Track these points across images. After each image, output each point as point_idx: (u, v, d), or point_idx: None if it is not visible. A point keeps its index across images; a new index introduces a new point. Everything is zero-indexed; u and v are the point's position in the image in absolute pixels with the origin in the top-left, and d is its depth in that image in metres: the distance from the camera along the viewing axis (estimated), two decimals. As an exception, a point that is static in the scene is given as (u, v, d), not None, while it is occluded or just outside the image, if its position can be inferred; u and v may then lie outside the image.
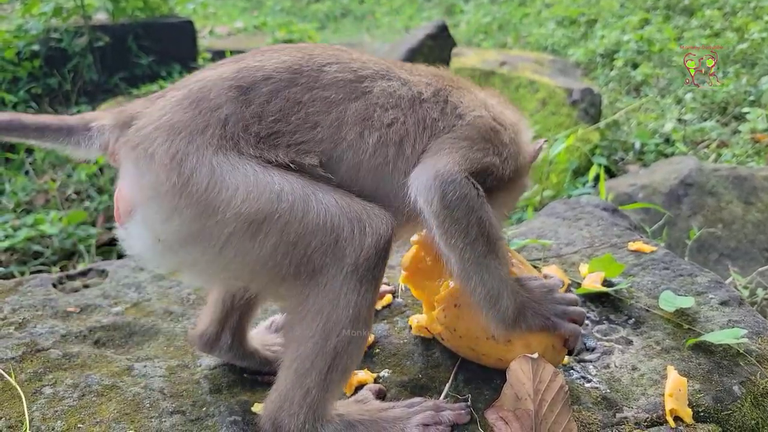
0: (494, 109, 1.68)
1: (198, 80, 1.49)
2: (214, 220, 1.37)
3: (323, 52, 1.56)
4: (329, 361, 1.43)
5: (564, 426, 1.47)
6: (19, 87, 6.53)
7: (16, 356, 1.83)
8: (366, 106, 1.50)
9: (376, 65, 1.58)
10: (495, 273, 1.50)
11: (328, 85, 1.49)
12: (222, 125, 1.41)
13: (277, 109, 1.45)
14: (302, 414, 1.45)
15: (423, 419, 1.51)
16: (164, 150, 1.39)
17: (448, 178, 1.44)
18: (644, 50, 6.98)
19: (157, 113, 1.45)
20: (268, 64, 1.50)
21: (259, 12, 12.77)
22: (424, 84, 1.61)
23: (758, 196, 3.95)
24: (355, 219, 1.40)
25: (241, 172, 1.38)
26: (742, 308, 1.94)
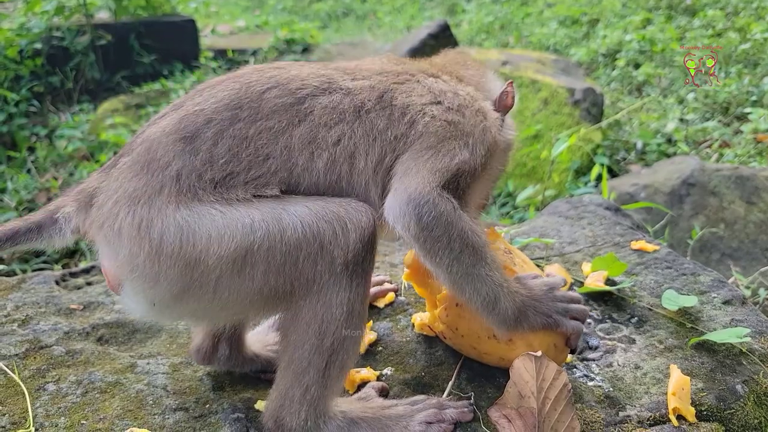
0: (446, 96, 1.62)
1: (143, 141, 1.48)
2: (198, 270, 1.38)
3: (261, 77, 1.54)
4: (326, 359, 1.44)
5: (567, 424, 1.47)
6: (21, 85, 6.53)
7: (19, 353, 1.83)
8: (310, 129, 1.48)
9: (316, 80, 1.55)
10: (487, 280, 1.48)
11: (270, 113, 1.48)
12: (176, 181, 1.41)
13: (225, 150, 1.44)
14: (303, 411, 1.46)
15: (426, 417, 1.51)
16: (129, 222, 1.40)
17: (420, 200, 1.42)
18: (646, 50, 6.98)
19: (113, 185, 1.45)
20: (207, 105, 1.49)
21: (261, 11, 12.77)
22: (368, 89, 1.57)
23: (760, 196, 3.95)
24: (334, 219, 1.40)
25: (207, 218, 1.38)
26: (744, 307, 1.94)
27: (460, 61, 1.87)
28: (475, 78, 1.78)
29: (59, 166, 5.66)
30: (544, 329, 1.58)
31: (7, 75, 6.43)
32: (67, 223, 1.49)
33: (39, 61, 6.61)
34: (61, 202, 1.52)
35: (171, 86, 6.83)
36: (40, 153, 5.76)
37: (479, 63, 1.90)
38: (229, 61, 7.94)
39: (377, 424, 1.51)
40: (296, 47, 8.34)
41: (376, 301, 2.05)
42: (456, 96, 1.63)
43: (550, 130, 5.11)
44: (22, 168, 5.64)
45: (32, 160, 5.73)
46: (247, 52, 8.16)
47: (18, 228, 1.48)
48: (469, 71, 1.81)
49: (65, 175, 5.40)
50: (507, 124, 1.78)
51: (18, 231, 1.48)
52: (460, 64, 1.84)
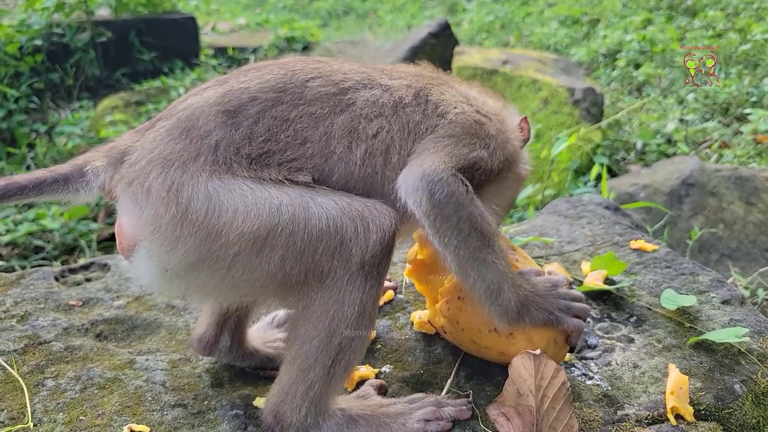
0: (476, 101, 1.67)
1: (185, 108, 1.49)
2: (218, 243, 1.38)
3: (305, 67, 1.57)
4: (333, 357, 1.44)
5: (565, 423, 1.47)
6: (21, 82, 6.53)
7: (18, 348, 1.83)
8: (351, 119, 1.50)
9: (357, 75, 1.58)
10: (493, 267, 1.49)
11: (312, 100, 1.50)
12: (213, 151, 1.42)
13: (265, 129, 1.46)
14: (304, 408, 1.46)
15: (424, 414, 1.52)
16: (160, 183, 1.39)
17: (434, 177, 1.43)
18: (647, 50, 6.98)
19: (149, 146, 1.45)
20: (252, 84, 1.50)
21: (262, 9, 12.76)
22: (405, 87, 1.60)
23: (760, 197, 3.95)
24: (358, 217, 1.41)
25: (237, 193, 1.39)
26: (743, 307, 1.94)
27: (483, 89, 1.88)
28: (498, 105, 1.79)
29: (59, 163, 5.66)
30: (546, 325, 1.58)
31: (7, 71, 6.43)
32: (95, 177, 1.49)
33: (39, 58, 6.61)
34: (90, 157, 1.52)
35: (171, 84, 6.82)
36: (39, 150, 5.76)
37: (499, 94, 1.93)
38: (229, 59, 7.94)
39: (375, 422, 1.51)
40: (297, 45, 8.34)
41: None
42: (485, 104, 1.68)
43: (550, 130, 5.12)
44: (22, 164, 5.64)
45: (32, 156, 5.73)
46: (247, 50, 8.16)
47: (45, 177, 1.48)
48: (492, 98, 1.82)
49: (65, 171, 5.39)
50: (523, 157, 1.79)
51: (45, 180, 1.48)
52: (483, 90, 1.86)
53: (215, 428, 1.56)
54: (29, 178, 1.48)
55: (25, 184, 1.47)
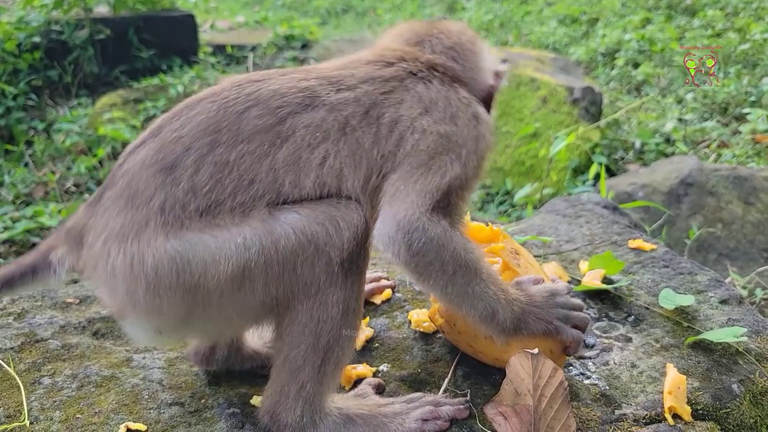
0: (438, 106, 1.56)
1: (124, 174, 1.45)
2: (199, 295, 1.38)
3: (239, 95, 1.47)
4: (322, 356, 1.44)
5: (563, 422, 1.47)
6: (19, 79, 6.52)
7: (14, 346, 1.83)
8: (294, 150, 1.43)
9: (298, 95, 1.48)
10: (483, 296, 1.46)
11: (251, 136, 1.42)
12: (161, 213, 1.38)
13: (207, 177, 1.40)
14: (299, 408, 1.46)
15: (422, 414, 1.51)
16: (121, 261, 1.37)
17: (409, 227, 1.39)
18: (645, 50, 6.98)
19: (101, 223, 1.43)
20: (185, 131, 1.44)
21: (261, 7, 12.75)
22: (353, 102, 1.49)
23: (758, 197, 3.96)
24: (326, 220, 1.39)
25: (199, 245, 1.36)
26: (741, 307, 1.94)
27: (455, 39, 1.76)
28: (469, 63, 1.71)
29: (57, 160, 5.65)
30: (545, 335, 1.56)
31: (6, 68, 6.42)
32: (61, 265, 1.47)
33: (37, 55, 6.60)
34: (52, 243, 1.50)
35: (170, 81, 6.81)
36: (37, 147, 5.76)
37: (473, 37, 1.82)
38: (228, 57, 7.93)
39: (373, 421, 1.50)
40: (295, 43, 8.33)
41: (373, 298, 2.05)
42: (448, 104, 1.58)
43: (549, 129, 5.12)
44: (20, 162, 5.63)
45: (30, 153, 5.72)
46: (246, 47, 8.15)
47: (13, 274, 1.47)
48: (464, 55, 1.73)
49: (63, 169, 5.39)
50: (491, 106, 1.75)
51: (13, 277, 1.47)
52: (454, 48, 1.74)
53: (212, 426, 1.55)
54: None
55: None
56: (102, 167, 5.34)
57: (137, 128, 5.79)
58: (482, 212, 4.88)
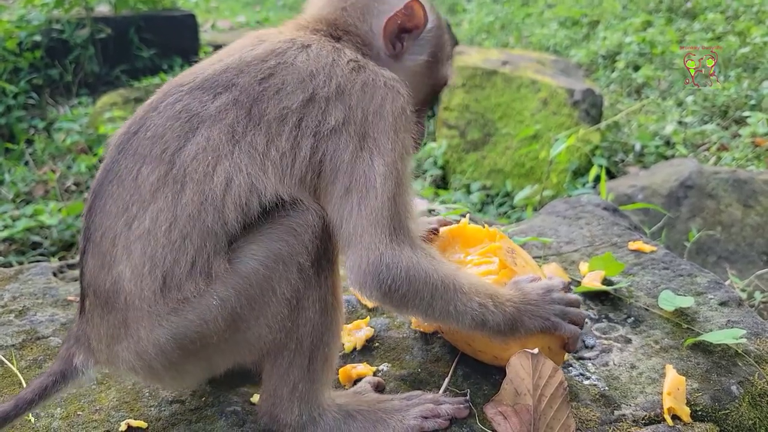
0: (320, 81, 1.43)
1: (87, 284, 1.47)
2: (209, 352, 1.43)
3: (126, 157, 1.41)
4: (308, 356, 1.45)
5: (562, 422, 1.48)
6: (20, 77, 6.52)
7: (16, 344, 1.83)
8: (196, 189, 1.35)
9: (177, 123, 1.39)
10: (467, 310, 1.45)
11: (153, 195, 1.36)
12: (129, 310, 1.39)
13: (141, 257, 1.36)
14: (296, 407, 1.47)
15: (422, 411, 1.52)
16: (131, 358, 1.41)
17: (374, 270, 1.37)
18: (646, 52, 6.99)
19: (95, 333, 1.46)
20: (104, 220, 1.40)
21: (262, 7, 12.75)
22: (232, 106, 1.39)
23: (757, 200, 3.96)
24: (282, 232, 1.38)
25: (184, 323, 1.37)
26: (741, 309, 1.94)
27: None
28: (366, 8, 1.57)
29: (57, 159, 5.65)
30: (543, 332, 1.56)
31: (6, 67, 6.41)
32: (86, 368, 1.49)
33: (38, 54, 6.60)
34: (71, 349, 1.51)
35: (170, 81, 6.81)
36: (38, 146, 5.75)
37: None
38: (228, 57, 7.93)
39: (373, 417, 1.51)
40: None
41: None
42: (332, 75, 1.44)
43: (549, 131, 5.12)
44: (20, 160, 5.63)
45: (30, 152, 5.72)
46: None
47: (46, 384, 1.47)
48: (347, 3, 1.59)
49: (63, 168, 5.39)
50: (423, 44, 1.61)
51: (47, 387, 1.47)
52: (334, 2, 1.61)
53: (212, 424, 1.56)
54: (34, 390, 1.46)
55: (32, 397, 1.45)
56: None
57: (138, 127, 5.79)
58: (482, 213, 4.88)
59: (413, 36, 1.59)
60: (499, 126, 5.47)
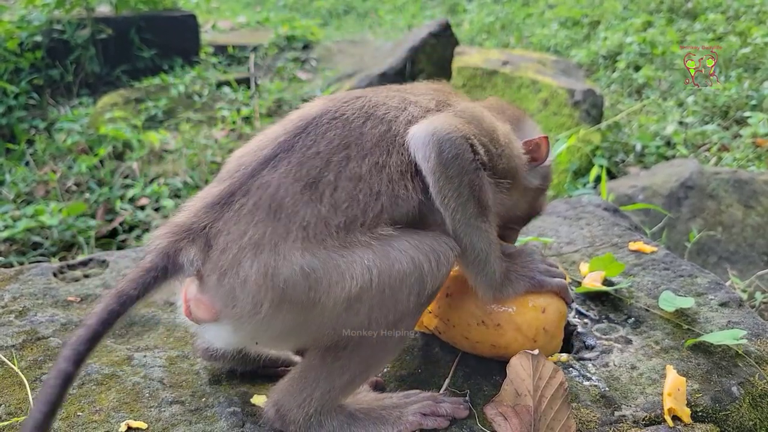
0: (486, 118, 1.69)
1: (262, 185, 1.42)
2: (314, 312, 1.37)
3: (355, 109, 1.55)
4: (362, 369, 1.48)
5: (563, 423, 1.48)
6: (21, 78, 6.52)
7: (16, 344, 1.83)
8: (399, 152, 1.51)
9: (393, 100, 1.60)
10: (484, 236, 1.54)
11: (372, 147, 1.49)
12: (304, 229, 1.37)
13: (346, 193, 1.42)
14: (313, 408, 1.47)
15: (421, 408, 1.52)
16: (255, 271, 1.34)
17: (445, 135, 1.46)
18: (647, 53, 6.98)
19: (236, 231, 1.38)
20: (321, 147, 1.47)
21: (262, 7, 12.75)
22: (428, 99, 1.64)
23: (758, 200, 3.96)
24: (431, 252, 1.44)
25: (331, 264, 1.36)
26: (741, 310, 1.94)
27: (498, 106, 1.90)
28: (511, 122, 1.80)
29: (58, 159, 5.65)
30: (530, 290, 1.64)
31: (7, 67, 6.41)
32: (192, 266, 1.39)
33: (39, 54, 6.60)
34: (177, 243, 1.40)
35: (171, 81, 6.82)
36: (38, 146, 5.75)
37: (519, 109, 1.94)
38: (229, 57, 7.94)
39: (372, 414, 1.52)
40: (297, 44, 8.33)
41: None
42: (494, 122, 1.69)
43: (550, 131, 5.12)
44: (21, 160, 5.63)
45: (31, 152, 5.72)
46: (247, 48, 8.15)
47: (148, 280, 1.35)
48: (505, 116, 1.83)
49: (64, 168, 5.39)
50: (538, 173, 1.81)
51: (149, 283, 1.35)
52: (497, 109, 1.87)
53: (213, 425, 1.56)
54: (136, 285, 1.34)
55: (137, 293, 1.34)
56: (103, 166, 5.34)
57: (138, 128, 5.80)
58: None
59: (533, 165, 1.78)
60: (499, 126, 5.47)
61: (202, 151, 5.37)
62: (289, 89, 6.97)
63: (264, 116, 6.19)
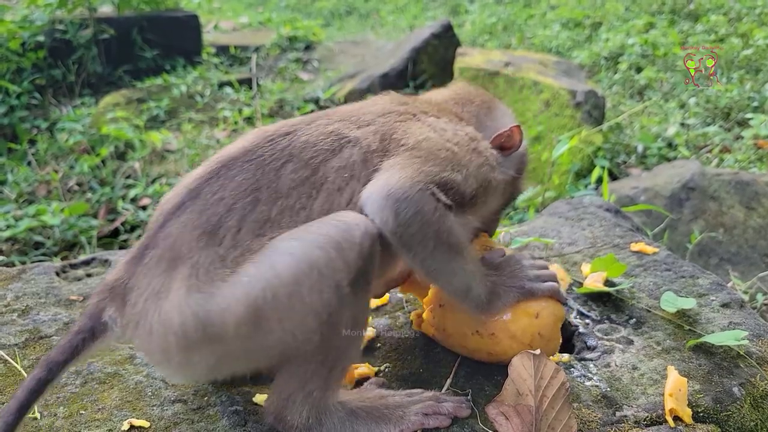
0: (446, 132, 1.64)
1: (166, 236, 1.44)
2: (224, 344, 1.37)
3: (274, 150, 1.50)
4: (330, 366, 1.45)
5: (564, 423, 1.48)
6: (23, 78, 6.53)
7: (18, 343, 1.83)
8: (327, 197, 1.46)
9: (327, 140, 1.53)
10: (460, 272, 1.52)
11: (289, 190, 1.45)
12: (194, 270, 1.37)
13: (249, 235, 1.40)
14: (305, 411, 1.47)
15: (423, 408, 1.52)
16: (156, 321, 1.36)
17: (400, 195, 1.41)
18: (648, 54, 6.99)
19: (144, 284, 1.42)
20: (226, 193, 1.44)
21: (265, 8, 12.77)
22: (372, 134, 1.58)
23: (760, 202, 3.96)
24: (327, 243, 1.35)
25: (217, 294, 1.34)
26: (743, 310, 1.95)
27: (466, 95, 1.87)
28: (479, 115, 1.80)
29: (60, 159, 5.66)
30: (521, 300, 1.62)
31: (9, 67, 6.43)
32: (114, 324, 1.45)
33: (41, 54, 6.61)
34: (100, 303, 1.47)
35: (173, 81, 6.83)
36: (40, 145, 5.76)
37: (488, 96, 1.91)
38: (231, 58, 7.95)
39: (375, 413, 1.52)
40: (299, 45, 8.34)
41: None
42: (455, 134, 1.64)
43: (551, 132, 5.12)
44: (23, 160, 5.64)
45: (33, 152, 5.73)
46: (249, 48, 8.16)
47: (76, 343, 1.42)
48: (473, 107, 1.82)
49: (65, 168, 5.40)
50: (512, 161, 1.80)
51: (77, 346, 1.42)
52: (464, 100, 1.85)
53: (215, 424, 1.56)
54: (64, 350, 1.41)
55: (64, 359, 1.40)
56: (105, 166, 5.35)
57: (140, 128, 5.81)
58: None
59: (506, 153, 1.79)
60: (501, 127, 5.47)
61: (204, 152, 5.38)
62: (290, 90, 6.98)
63: (266, 116, 6.19)
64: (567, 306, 1.98)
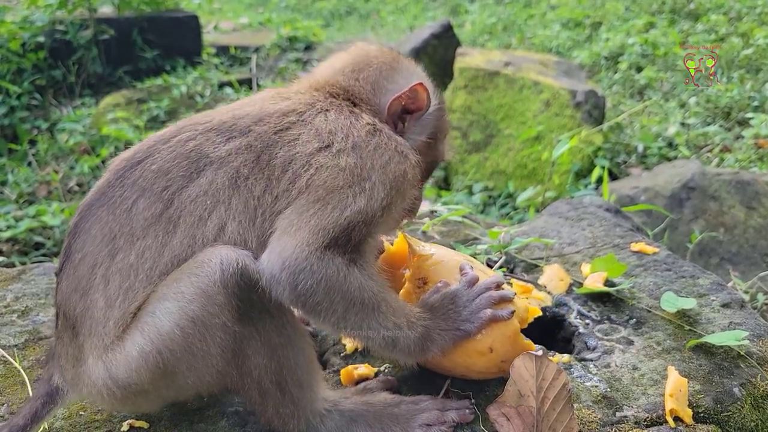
0: (337, 137, 1.48)
1: (58, 305, 1.50)
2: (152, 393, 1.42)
3: (124, 187, 1.43)
4: (275, 388, 1.44)
5: (565, 424, 1.48)
6: (23, 78, 6.53)
7: (18, 343, 1.83)
8: (186, 231, 1.39)
9: (183, 164, 1.43)
10: (380, 329, 1.43)
11: (144, 231, 1.39)
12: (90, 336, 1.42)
13: (118, 289, 1.39)
14: (289, 423, 1.47)
15: (427, 419, 1.51)
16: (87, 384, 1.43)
17: (296, 267, 1.33)
18: (649, 54, 6.98)
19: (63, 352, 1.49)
20: (86, 248, 1.43)
21: (265, 8, 12.76)
22: (244, 150, 1.44)
23: (760, 201, 3.96)
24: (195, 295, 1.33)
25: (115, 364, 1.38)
26: (743, 311, 1.94)
27: (363, 59, 1.69)
28: (378, 80, 1.64)
29: (60, 160, 5.66)
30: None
31: (10, 68, 6.43)
32: (65, 387, 1.50)
33: (41, 55, 6.61)
34: (51, 370, 1.53)
35: (173, 82, 6.83)
36: (41, 146, 5.77)
37: (388, 56, 1.71)
38: (231, 58, 7.95)
39: (377, 425, 1.50)
40: (299, 45, 8.34)
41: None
42: (349, 134, 1.49)
43: (552, 132, 5.12)
44: (23, 161, 5.64)
45: (33, 153, 5.73)
46: (249, 49, 8.16)
47: (36, 408, 1.48)
48: (371, 71, 1.65)
49: (66, 168, 5.40)
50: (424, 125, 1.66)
51: (37, 411, 1.48)
52: (361, 65, 1.67)
53: (215, 425, 1.56)
54: (25, 416, 1.47)
55: (25, 423, 1.46)
56: (105, 167, 5.35)
57: (140, 128, 5.81)
58: (484, 215, 4.88)
59: (415, 117, 1.64)
60: (501, 127, 5.47)
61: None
62: (291, 90, 6.97)
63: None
64: (567, 306, 1.98)
